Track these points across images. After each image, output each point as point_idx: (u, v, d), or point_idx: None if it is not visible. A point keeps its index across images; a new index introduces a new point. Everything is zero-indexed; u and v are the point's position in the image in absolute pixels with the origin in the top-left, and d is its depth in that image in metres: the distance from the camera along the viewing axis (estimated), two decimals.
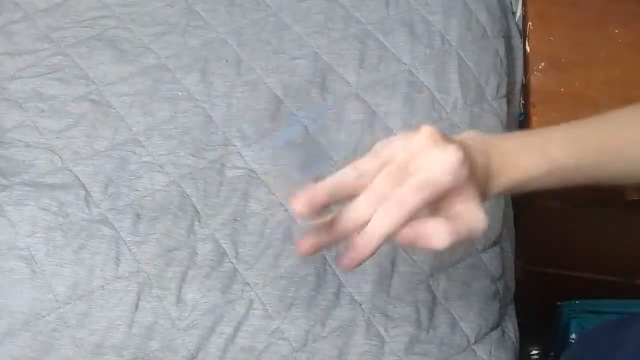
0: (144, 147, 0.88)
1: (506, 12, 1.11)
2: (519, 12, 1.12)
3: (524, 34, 1.06)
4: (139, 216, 0.82)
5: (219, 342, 0.75)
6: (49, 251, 0.78)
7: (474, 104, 0.95)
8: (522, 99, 1.04)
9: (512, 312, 0.88)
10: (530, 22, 1.04)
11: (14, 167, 0.85)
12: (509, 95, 1.00)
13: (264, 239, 0.81)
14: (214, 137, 0.89)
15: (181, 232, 0.81)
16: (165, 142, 0.88)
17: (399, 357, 0.77)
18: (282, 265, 0.79)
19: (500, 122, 0.95)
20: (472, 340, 0.80)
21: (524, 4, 1.08)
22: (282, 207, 0.83)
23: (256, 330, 0.76)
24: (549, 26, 1.04)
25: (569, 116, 0.58)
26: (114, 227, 0.81)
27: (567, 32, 1.04)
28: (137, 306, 0.76)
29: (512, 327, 0.86)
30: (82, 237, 0.79)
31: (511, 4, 1.15)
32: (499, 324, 0.84)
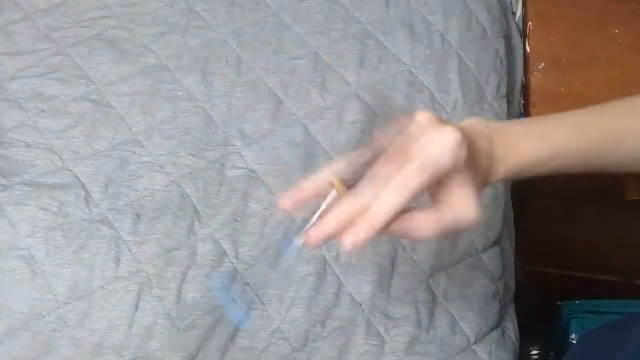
0: (144, 147, 0.88)
1: (506, 12, 1.11)
2: (519, 12, 1.12)
3: (524, 34, 1.06)
4: (139, 216, 0.82)
5: (219, 342, 0.75)
6: (49, 251, 0.78)
7: (474, 104, 0.95)
8: (522, 99, 1.04)
9: (512, 312, 0.88)
10: (530, 22, 1.04)
11: (14, 167, 0.85)
12: (509, 95, 1.00)
13: (264, 239, 0.81)
14: (214, 137, 0.89)
15: (181, 232, 0.81)
16: (165, 142, 0.88)
17: (399, 357, 0.77)
18: (282, 265, 0.80)
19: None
20: (472, 340, 0.80)
21: (524, 4, 1.07)
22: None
23: (256, 330, 0.76)
24: (549, 26, 1.04)
25: None
26: (114, 227, 0.81)
27: (567, 32, 1.04)
28: (137, 306, 0.76)
29: (512, 327, 0.86)
30: (82, 237, 0.79)
31: (511, 4, 1.15)
32: (499, 324, 0.84)
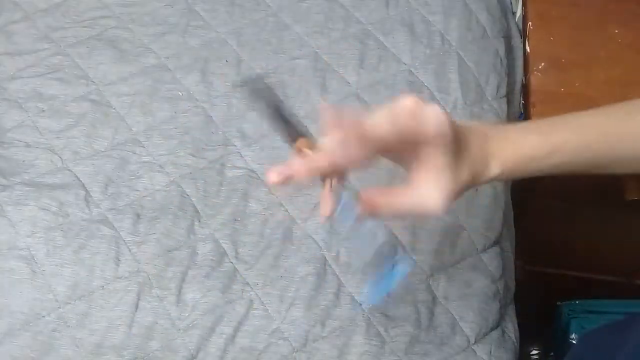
0: (144, 147, 0.88)
1: (506, 12, 1.11)
2: (519, 12, 1.12)
3: (524, 34, 1.06)
4: (139, 216, 0.82)
5: (219, 342, 0.75)
6: (49, 251, 0.78)
7: (474, 104, 0.95)
8: (522, 99, 1.04)
9: (512, 312, 0.88)
10: (530, 22, 1.04)
11: (14, 167, 0.85)
12: (509, 95, 1.00)
13: (264, 239, 0.81)
14: (214, 137, 0.89)
15: (181, 232, 0.81)
16: (165, 142, 0.88)
17: (399, 357, 0.77)
18: (282, 265, 0.79)
19: (500, 122, 0.95)
20: (472, 340, 0.80)
21: (524, 4, 1.07)
22: (282, 207, 0.83)
23: (256, 330, 0.76)
24: (549, 26, 1.04)
25: None
26: (114, 227, 0.81)
27: (567, 32, 1.04)
28: (137, 306, 0.76)
29: (512, 327, 0.86)
30: (82, 237, 0.79)
31: (511, 4, 1.15)
32: (499, 324, 0.84)
